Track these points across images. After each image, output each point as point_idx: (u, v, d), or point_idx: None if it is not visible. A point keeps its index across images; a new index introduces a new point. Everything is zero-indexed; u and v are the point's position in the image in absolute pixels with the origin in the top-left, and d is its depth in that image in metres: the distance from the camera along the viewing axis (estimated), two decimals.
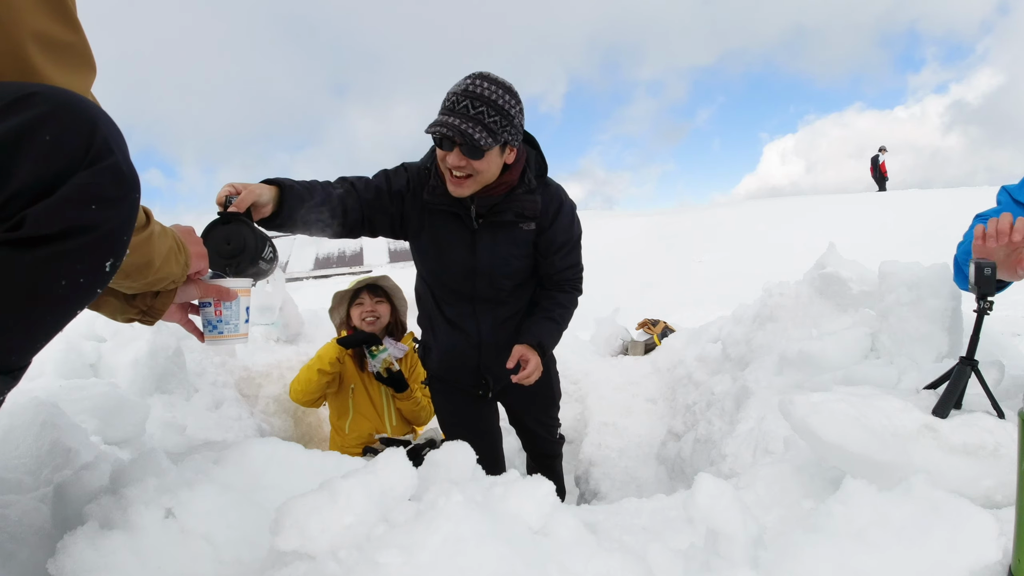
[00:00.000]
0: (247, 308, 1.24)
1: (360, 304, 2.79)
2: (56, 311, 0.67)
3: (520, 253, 1.85)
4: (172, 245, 0.96)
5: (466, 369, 2.00)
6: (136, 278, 0.93)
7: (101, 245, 0.67)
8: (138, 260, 0.89)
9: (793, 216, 14.02)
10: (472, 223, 1.77)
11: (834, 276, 2.16)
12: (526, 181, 1.77)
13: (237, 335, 1.21)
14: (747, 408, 2.09)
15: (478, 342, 1.94)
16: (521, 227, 1.80)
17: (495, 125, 1.57)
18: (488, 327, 1.92)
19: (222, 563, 0.90)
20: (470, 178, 1.64)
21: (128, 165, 0.70)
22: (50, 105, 0.63)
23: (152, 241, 0.89)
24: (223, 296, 1.17)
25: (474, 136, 1.54)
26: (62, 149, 0.63)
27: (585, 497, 2.77)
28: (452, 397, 2.10)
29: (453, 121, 1.55)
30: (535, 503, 0.87)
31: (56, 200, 0.62)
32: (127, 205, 0.70)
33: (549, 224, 1.83)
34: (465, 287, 1.87)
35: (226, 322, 1.20)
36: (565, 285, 1.95)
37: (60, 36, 0.69)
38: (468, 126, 1.54)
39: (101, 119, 0.68)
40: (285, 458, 1.18)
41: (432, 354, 2.06)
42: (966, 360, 1.20)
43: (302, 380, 2.74)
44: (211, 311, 1.19)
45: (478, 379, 2.01)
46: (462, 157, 1.59)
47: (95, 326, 2.44)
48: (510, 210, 1.76)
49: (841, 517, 0.91)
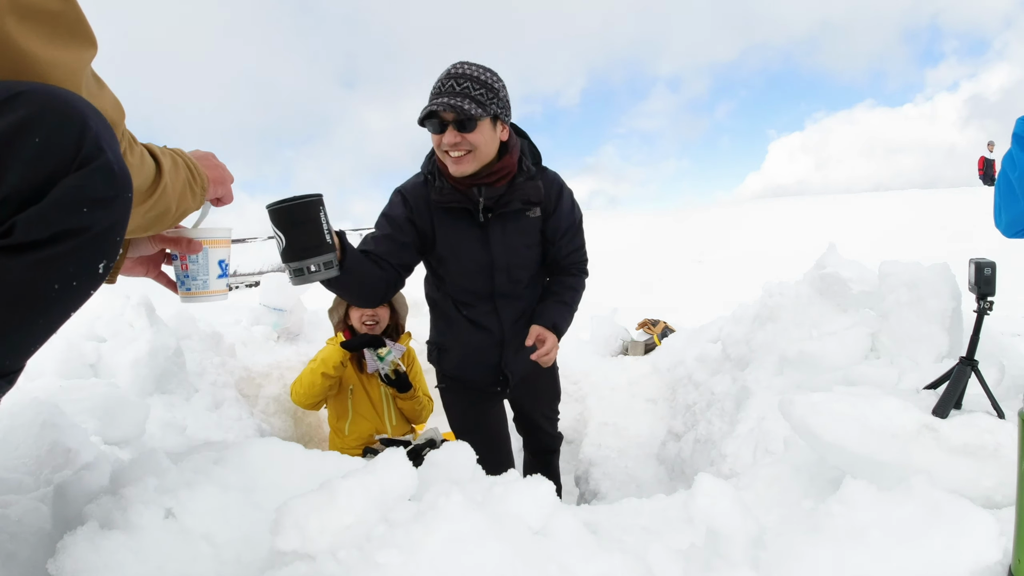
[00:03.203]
0: (221, 262, 1.10)
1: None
2: (50, 314, 0.67)
3: (530, 242, 1.90)
4: (186, 177, 0.92)
5: (486, 367, 2.02)
6: (155, 229, 0.91)
7: (93, 247, 0.67)
8: (153, 215, 0.86)
9: (793, 216, 14.03)
10: (480, 216, 1.80)
11: (834, 276, 2.16)
12: (525, 168, 1.82)
13: (207, 291, 1.09)
14: (747, 408, 2.09)
15: (501, 339, 1.97)
16: (527, 215, 1.86)
17: (482, 97, 1.62)
18: (509, 324, 1.96)
19: (222, 563, 0.90)
20: (469, 154, 1.67)
21: (120, 164, 0.69)
22: (37, 106, 0.62)
23: (166, 191, 0.86)
24: (186, 248, 1.06)
25: (463, 107, 1.58)
26: (51, 151, 0.62)
27: (585, 497, 2.77)
28: (464, 397, 2.12)
29: (441, 100, 1.60)
30: (535, 503, 0.87)
31: (46, 205, 0.61)
32: (119, 205, 0.69)
33: (553, 209, 1.90)
34: (485, 286, 1.90)
35: (193, 277, 1.08)
36: (572, 268, 2.02)
37: (43, 3, 0.65)
38: (456, 100, 1.59)
39: (91, 117, 0.66)
40: (285, 458, 1.17)
41: (449, 355, 2.07)
42: (966, 360, 1.20)
43: (305, 383, 2.73)
44: (178, 264, 1.09)
45: (497, 376, 2.04)
46: (456, 134, 1.63)
47: (95, 326, 2.44)
48: (515, 199, 1.80)
49: (841, 517, 0.91)
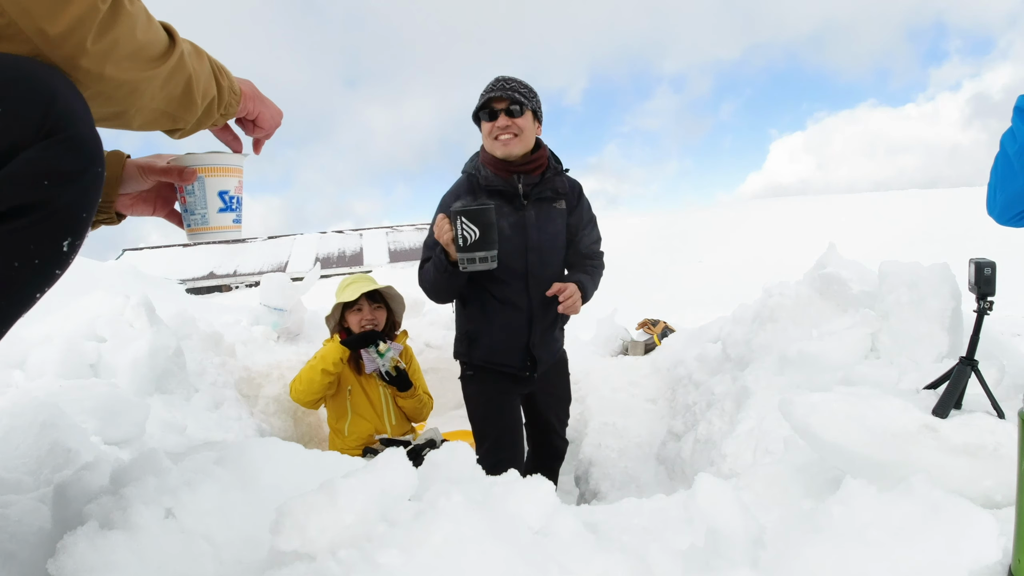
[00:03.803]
0: (223, 193, 0.97)
1: (359, 311, 2.78)
2: (12, 295, 0.64)
3: (557, 230, 2.21)
4: (211, 68, 0.84)
5: (516, 349, 2.23)
6: (182, 114, 0.82)
7: (56, 223, 0.63)
8: (174, 90, 0.79)
9: (794, 216, 14.03)
10: (520, 201, 2.13)
11: (834, 276, 2.16)
12: (553, 164, 2.20)
13: (206, 227, 0.97)
14: (747, 408, 2.09)
15: (530, 317, 2.19)
16: (555, 206, 2.20)
17: (527, 94, 2.08)
18: (538, 302, 2.18)
19: (222, 563, 0.90)
20: (516, 138, 2.06)
21: (91, 136, 0.65)
22: (4, 76, 0.59)
23: (183, 61, 0.78)
24: (177, 177, 0.96)
25: (515, 95, 2.04)
26: (14, 122, 0.59)
27: (585, 497, 2.77)
28: (490, 386, 2.29)
29: (497, 93, 2.04)
30: (535, 503, 0.87)
31: (1, 177, 0.58)
32: (87, 179, 0.65)
33: (576, 203, 2.26)
34: (520, 264, 2.15)
35: (191, 211, 0.96)
36: (592, 256, 2.33)
37: None
38: (508, 92, 2.04)
39: (61, 88, 0.63)
40: (285, 458, 1.17)
41: (480, 343, 2.26)
42: (966, 360, 1.20)
43: (304, 380, 2.73)
44: (178, 198, 0.97)
45: (525, 359, 2.23)
46: (507, 118, 2.05)
47: (95, 326, 2.44)
48: (548, 188, 2.16)
49: (841, 517, 0.91)
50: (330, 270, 20.35)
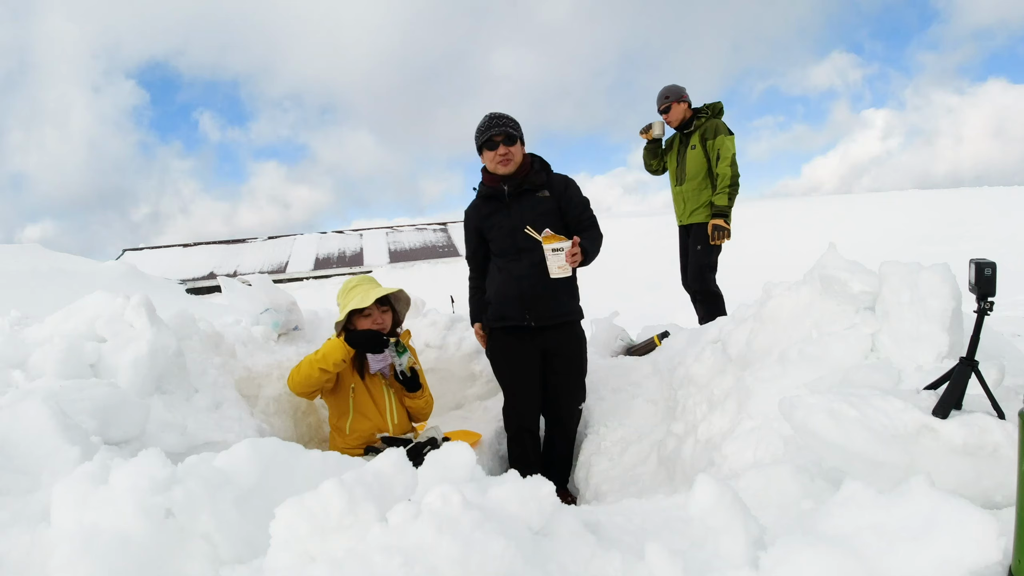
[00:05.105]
0: None
1: (368, 316, 2.77)
2: None
3: (542, 212, 2.80)
4: None
5: (512, 302, 2.82)
6: None
7: None
8: None
9: (794, 217, 14.02)
10: (505, 197, 2.83)
11: (834, 276, 2.16)
12: (535, 167, 2.87)
13: None
14: (747, 408, 2.09)
15: (520, 275, 2.81)
16: (536, 195, 2.83)
17: (517, 128, 2.82)
18: (526, 265, 2.79)
19: (222, 563, 0.90)
20: (511, 161, 2.79)
21: None
22: None
23: None
24: None
25: (507, 130, 2.77)
26: None
27: (585, 497, 2.77)
28: (503, 337, 2.90)
29: (494, 130, 2.76)
30: (535, 503, 0.87)
31: None
32: None
33: (564, 191, 2.87)
34: (509, 242, 2.83)
35: None
36: (585, 222, 2.87)
37: None
38: (503, 129, 2.77)
39: None
40: (285, 458, 1.18)
41: (492, 306, 2.89)
42: (966, 360, 1.20)
43: (302, 373, 2.73)
44: None
45: (523, 312, 2.81)
46: (505, 147, 2.76)
47: (95, 326, 2.44)
48: (526, 183, 2.83)
49: (841, 517, 0.91)
50: (330, 270, 20.32)
